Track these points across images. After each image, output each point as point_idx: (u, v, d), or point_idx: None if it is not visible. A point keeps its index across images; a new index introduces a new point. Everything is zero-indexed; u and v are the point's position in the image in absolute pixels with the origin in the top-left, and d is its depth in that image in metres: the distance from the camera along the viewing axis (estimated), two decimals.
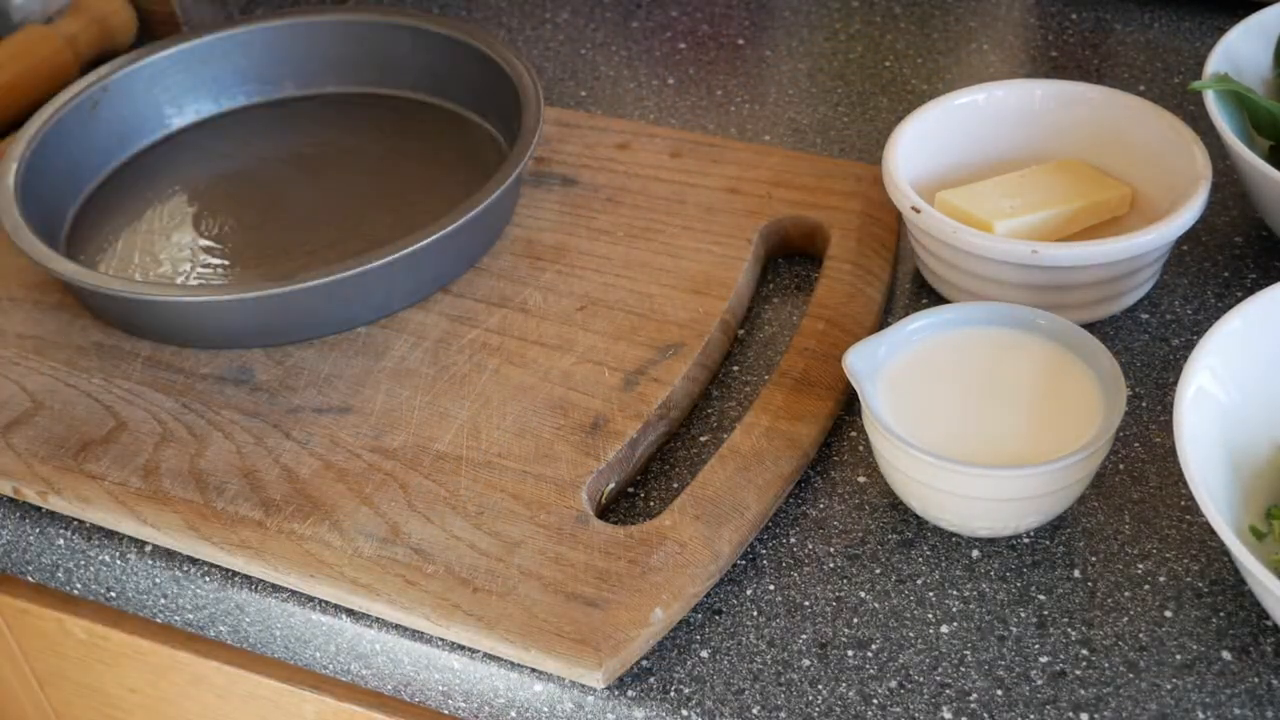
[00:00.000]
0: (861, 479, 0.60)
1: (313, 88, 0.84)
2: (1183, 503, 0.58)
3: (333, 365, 0.65)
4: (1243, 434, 0.55)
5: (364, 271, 0.63)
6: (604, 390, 0.62)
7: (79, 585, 0.62)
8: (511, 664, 0.54)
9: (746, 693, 0.52)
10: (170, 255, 0.72)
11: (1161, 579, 0.55)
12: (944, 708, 0.51)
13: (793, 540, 0.58)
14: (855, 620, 0.54)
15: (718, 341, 0.65)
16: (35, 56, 0.85)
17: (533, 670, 0.53)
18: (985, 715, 0.51)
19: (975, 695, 0.51)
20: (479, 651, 0.54)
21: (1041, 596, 0.55)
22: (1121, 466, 0.60)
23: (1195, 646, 0.53)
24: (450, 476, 0.59)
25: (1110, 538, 0.57)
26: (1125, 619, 0.54)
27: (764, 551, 0.57)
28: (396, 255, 0.64)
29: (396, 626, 0.55)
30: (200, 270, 0.71)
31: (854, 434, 0.62)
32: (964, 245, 0.63)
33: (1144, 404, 0.62)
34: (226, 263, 0.72)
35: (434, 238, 0.65)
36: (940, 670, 0.52)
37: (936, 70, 0.87)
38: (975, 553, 0.57)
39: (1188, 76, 0.84)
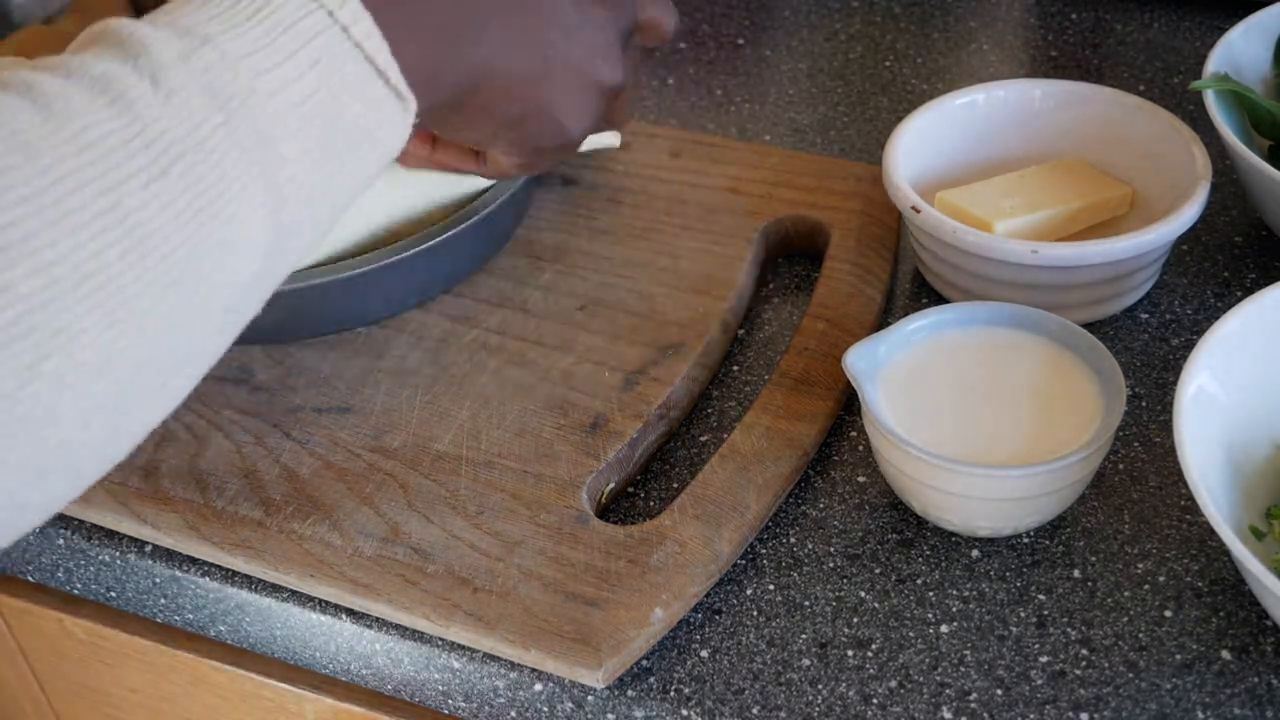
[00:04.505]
0: (861, 479, 0.60)
1: None
2: (1183, 503, 0.58)
3: (333, 365, 0.65)
4: (1243, 434, 0.55)
5: (368, 272, 0.63)
6: (604, 390, 0.62)
7: (79, 585, 0.62)
8: (511, 664, 0.54)
9: (746, 692, 0.52)
10: None
11: (1161, 579, 0.55)
12: (944, 707, 0.51)
13: (793, 540, 0.58)
14: (855, 620, 0.54)
15: (718, 341, 0.65)
16: (35, 56, 0.84)
17: (533, 670, 0.53)
18: (985, 715, 0.51)
19: (975, 695, 0.51)
20: (479, 651, 0.54)
21: (1041, 596, 0.55)
22: (1121, 466, 0.60)
23: (1195, 646, 0.53)
24: (450, 476, 0.59)
25: (1110, 538, 0.57)
26: (1125, 619, 0.54)
27: (764, 551, 0.57)
28: (402, 256, 0.63)
29: (396, 626, 0.55)
30: None
31: (854, 434, 0.62)
32: (964, 245, 0.63)
33: (1144, 404, 0.62)
34: None
35: (439, 239, 0.64)
36: (940, 670, 0.52)
37: (936, 70, 0.87)
38: (975, 553, 0.57)
39: (1188, 76, 0.84)
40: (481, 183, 0.66)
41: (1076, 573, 0.56)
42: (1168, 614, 0.54)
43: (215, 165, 0.37)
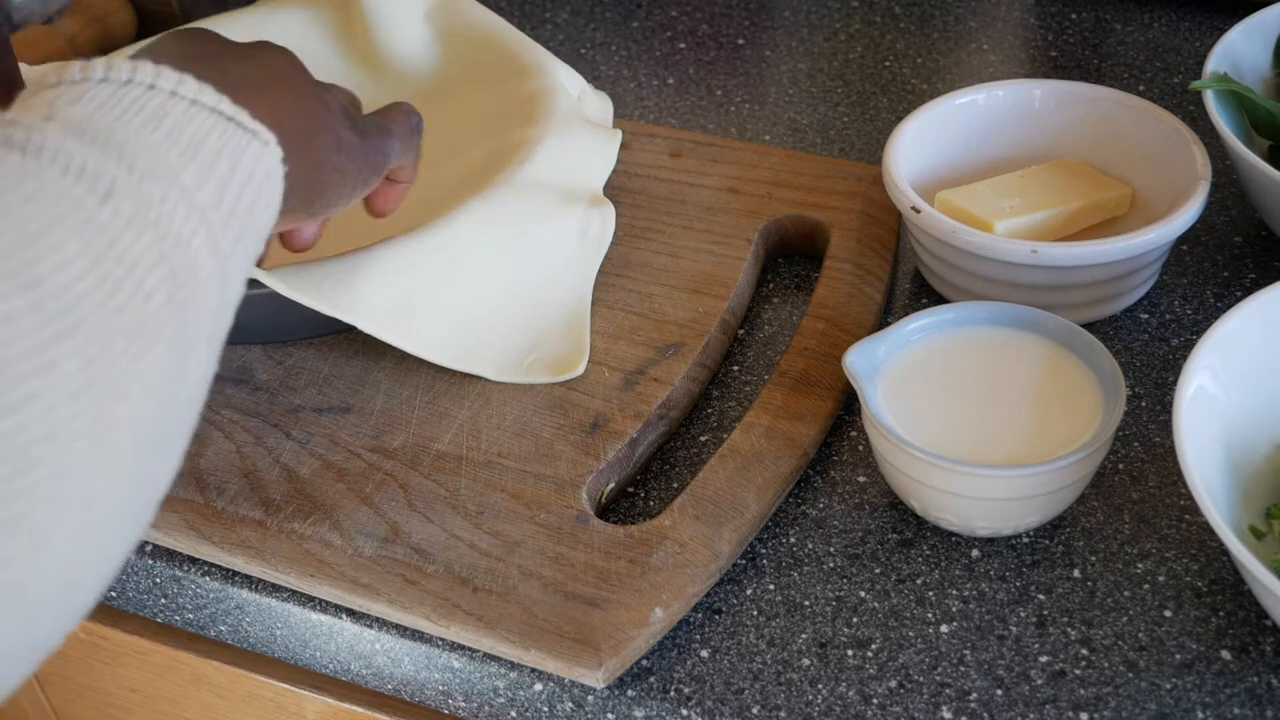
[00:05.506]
0: (861, 479, 0.60)
1: None
2: (1183, 503, 0.58)
3: (333, 365, 0.65)
4: (1243, 434, 0.55)
5: None
6: (604, 390, 0.62)
7: None
8: (511, 664, 0.54)
9: (746, 692, 0.52)
10: None
11: (1161, 579, 0.55)
12: (944, 707, 0.51)
13: (793, 540, 0.58)
14: (855, 620, 0.54)
15: (718, 341, 0.65)
16: (35, 56, 0.85)
17: (533, 670, 0.53)
18: (985, 715, 0.51)
19: (975, 695, 0.51)
20: (479, 651, 0.54)
21: (1041, 596, 0.55)
22: (1121, 466, 0.60)
23: (1195, 646, 0.53)
24: (450, 476, 0.59)
25: (1110, 537, 0.57)
26: (1125, 619, 0.54)
27: (764, 551, 0.57)
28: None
29: (396, 626, 0.55)
30: None
31: (854, 434, 0.62)
32: (964, 245, 0.63)
33: (1144, 404, 0.62)
34: None
35: None
36: (940, 670, 0.52)
37: (936, 70, 0.87)
38: (975, 553, 0.57)
39: (1188, 76, 0.84)
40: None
41: (1076, 573, 0.56)
42: (1168, 614, 0.54)
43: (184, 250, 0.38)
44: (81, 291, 0.34)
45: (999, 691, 0.51)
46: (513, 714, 0.55)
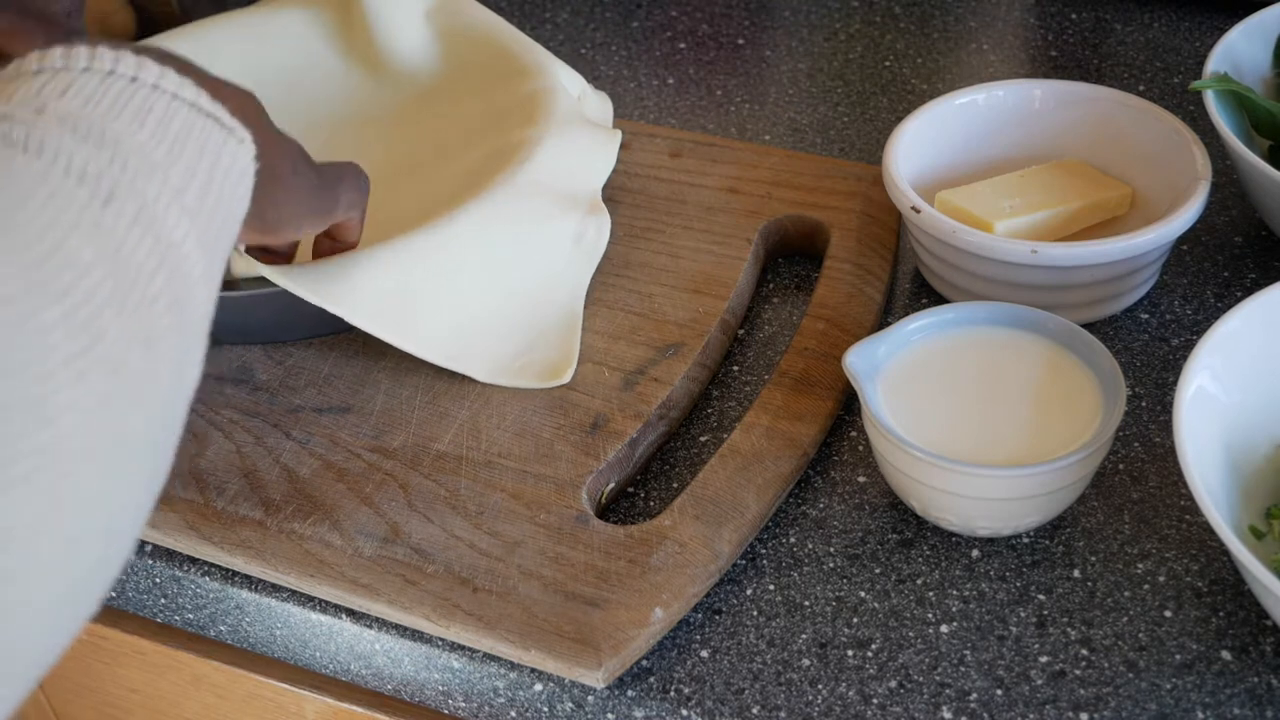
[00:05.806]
0: (861, 479, 0.60)
1: None
2: (1183, 503, 0.58)
3: (333, 365, 0.65)
4: (1243, 434, 0.55)
5: None
6: (604, 390, 0.62)
7: None
8: (511, 664, 0.54)
9: (746, 692, 0.52)
10: None
11: (1161, 579, 0.55)
12: (944, 707, 0.51)
13: (793, 540, 0.58)
14: (855, 620, 0.54)
15: (718, 341, 0.65)
16: None
17: (533, 670, 0.53)
18: (985, 715, 0.51)
19: (975, 695, 0.51)
20: (479, 651, 0.54)
21: (1041, 596, 0.55)
22: (1121, 466, 0.60)
23: (1195, 646, 0.53)
24: (450, 476, 0.59)
25: (1110, 538, 0.57)
26: (1125, 619, 0.54)
27: (764, 551, 0.57)
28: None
29: (396, 626, 0.55)
30: None
31: (854, 434, 0.62)
32: (964, 245, 0.63)
33: (1144, 404, 0.62)
34: None
35: None
36: (940, 670, 0.52)
37: (936, 70, 0.87)
38: (975, 553, 0.57)
39: (1188, 76, 0.84)
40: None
41: (1076, 573, 0.56)
42: (1168, 614, 0.54)
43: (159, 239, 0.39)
44: (102, 300, 0.35)
45: (999, 691, 0.51)
46: (513, 714, 0.55)
